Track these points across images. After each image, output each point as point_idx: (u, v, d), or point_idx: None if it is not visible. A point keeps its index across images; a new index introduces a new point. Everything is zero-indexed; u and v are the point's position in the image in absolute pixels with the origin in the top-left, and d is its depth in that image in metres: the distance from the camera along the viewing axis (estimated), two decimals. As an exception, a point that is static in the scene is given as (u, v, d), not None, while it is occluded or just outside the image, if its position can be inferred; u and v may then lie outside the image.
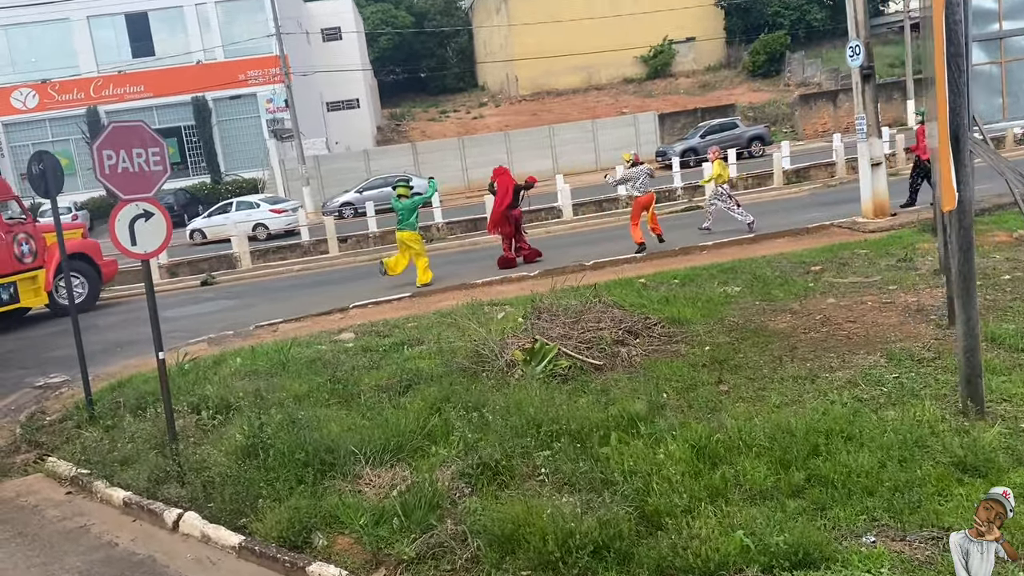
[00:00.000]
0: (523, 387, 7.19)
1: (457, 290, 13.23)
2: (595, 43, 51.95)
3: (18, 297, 14.46)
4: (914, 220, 13.85)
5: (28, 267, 14.69)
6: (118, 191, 6.15)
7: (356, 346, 9.88)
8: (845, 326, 8.49)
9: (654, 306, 9.78)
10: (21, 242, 14.62)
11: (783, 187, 22.56)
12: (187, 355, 9.96)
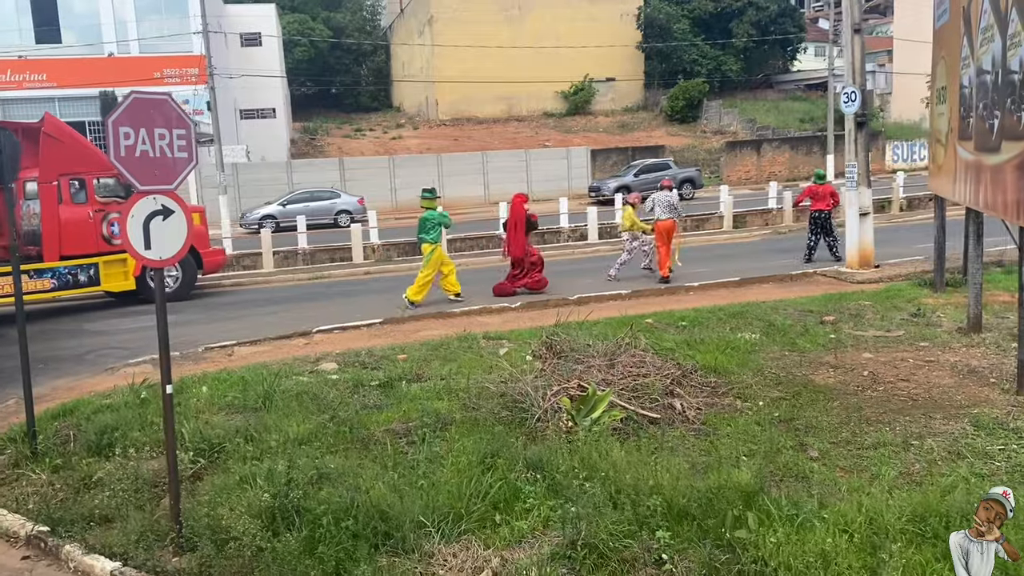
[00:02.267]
0: (586, 442, 6.17)
1: (433, 319, 12.09)
2: (518, 74, 51.73)
3: (99, 279, 13.74)
4: (901, 273, 13.61)
5: (116, 249, 13.70)
6: (135, 179, 4.86)
7: (343, 379, 8.62)
8: (900, 385, 7.86)
9: (682, 351, 8.93)
10: (113, 222, 13.74)
11: (732, 231, 22.33)
12: (144, 380, 8.48)
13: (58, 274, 13.52)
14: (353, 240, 19.93)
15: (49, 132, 13.30)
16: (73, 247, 13.57)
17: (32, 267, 13.23)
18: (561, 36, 53.87)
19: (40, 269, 13.33)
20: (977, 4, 8.55)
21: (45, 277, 13.40)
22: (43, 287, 13.40)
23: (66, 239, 13.54)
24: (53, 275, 13.49)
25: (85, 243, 13.62)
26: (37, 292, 13.31)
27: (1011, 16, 7.25)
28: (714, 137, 47.85)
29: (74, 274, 13.61)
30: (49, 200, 13.43)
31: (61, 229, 13.50)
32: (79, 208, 13.73)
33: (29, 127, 13.87)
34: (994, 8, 7.82)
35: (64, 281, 13.59)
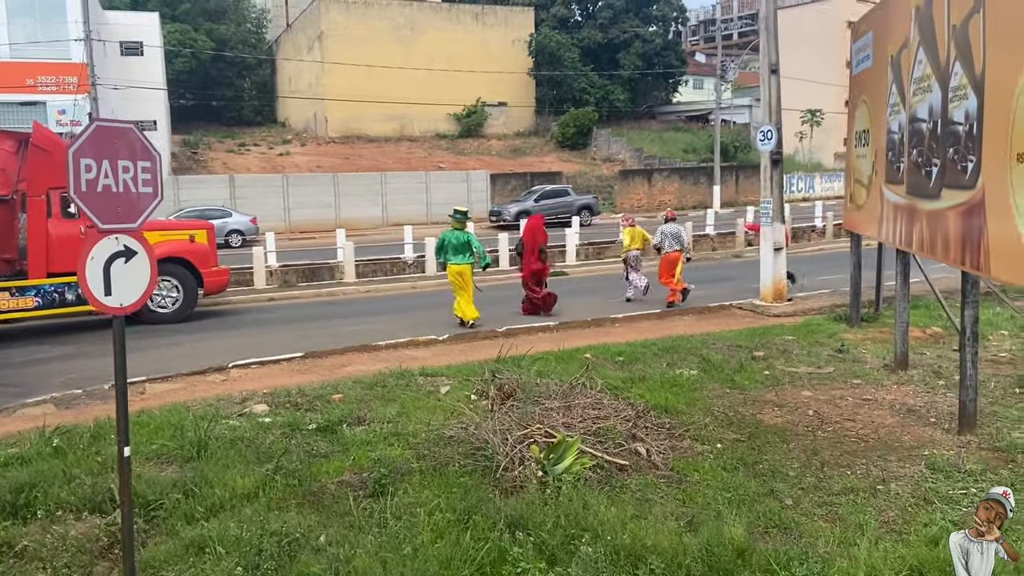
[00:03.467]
0: (566, 496, 5.92)
1: (357, 352, 11.58)
2: (410, 94, 51.41)
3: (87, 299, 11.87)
4: (814, 307, 14.03)
5: None
6: (96, 217, 4.31)
7: (277, 422, 8.07)
8: (846, 425, 7.98)
9: (629, 388, 8.82)
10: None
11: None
12: (57, 426, 7.68)
13: (43, 292, 12.78)
14: (255, 264, 19.05)
15: (38, 143, 12.66)
16: (62, 264, 12.69)
17: (14, 284, 12.56)
18: (453, 59, 53.92)
19: (23, 287, 12.57)
20: (909, 55, 8.88)
21: (28, 295, 12.66)
22: (25, 305, 12.65)
23: (54, 255, 12.75)
24: (37, 293, 12.74)
25: (75, 260, 12.28)
26: (19, 311, 12.61)
27: (953, 69, 7.52)
28: (604, 164, 48.80)
29: (61, 292, 12.86)
30: (37, 214, 12.69)
31: (49, 245, 12.74)
32: (70, 223, 12.90)
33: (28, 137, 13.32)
34: (931, 60, 8.11)
35: (49, 300, 12.85)
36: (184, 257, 14.42)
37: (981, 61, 6.84)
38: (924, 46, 8.38)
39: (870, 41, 10.73)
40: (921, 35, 8.47)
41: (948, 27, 7.65)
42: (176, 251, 14.34)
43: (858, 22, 11.66)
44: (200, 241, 14.93)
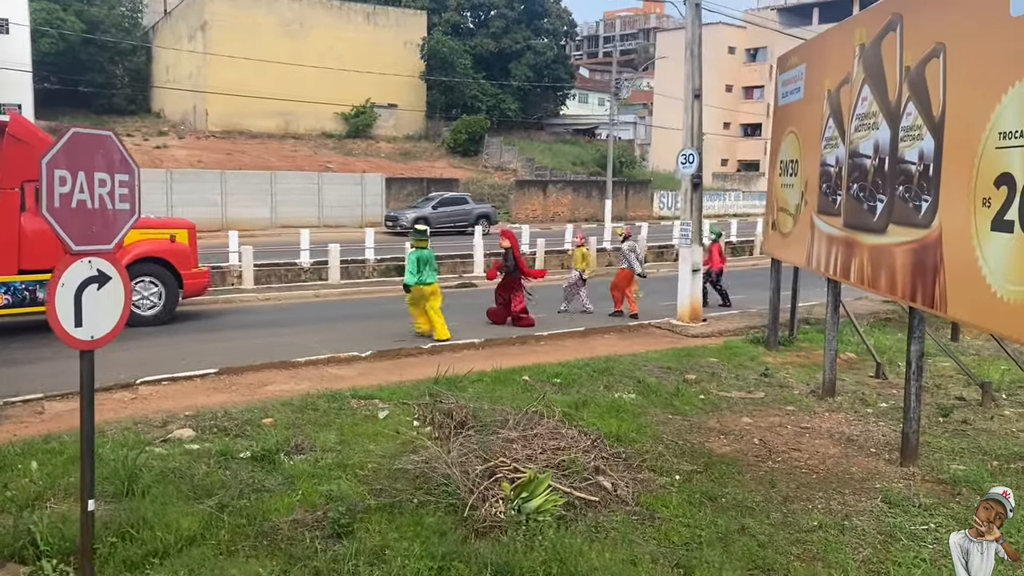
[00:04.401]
0: (550, 539, 5.65)
1: (276, 369, 10.91)
2: (297, 91, 50.00)
3: None
4: (729, 328, 14.28)
5: None
6: (69, 238, 3.75)
7: (206, 450, 7.45)
8: (794, 456, 8.05)
9: (575, 414, 8.62)
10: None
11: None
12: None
13: (13, 290, 12.10)
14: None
15: (14, 133, 12.00)
16: (35, 260, 12.01)
17: None
18: (343, 58, 52.83)
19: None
20: (851, 91, 9.10)
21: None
22: None
23: (27, 252, 12.07)
24: (7, 290, 12.06)
25: (48, 257, 11.66)
26: None
27: (905, 109, 7.72)
28: (496, 173, 48.84)
29: (32, 290, 12.16)
30: (9, 208, 12.01)
31: (22, 240, 12.05)
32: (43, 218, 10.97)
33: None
34: (879, 98, 8.32)
35: (20, 298, 12.17)
36: (164, 257, 13.80)
37: (940, 104, 7.02)
38: (870, 84, 8.59)
39: (802, 74, 10.99)
40: (867, 72, 8.69)
41: (900, 67, 7.85)
42: (156, 251, 13.73)
43: (787, 54, 11.94)
44: (181, 241, 14.27)
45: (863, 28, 8.90)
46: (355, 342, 12.66)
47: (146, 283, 13.59)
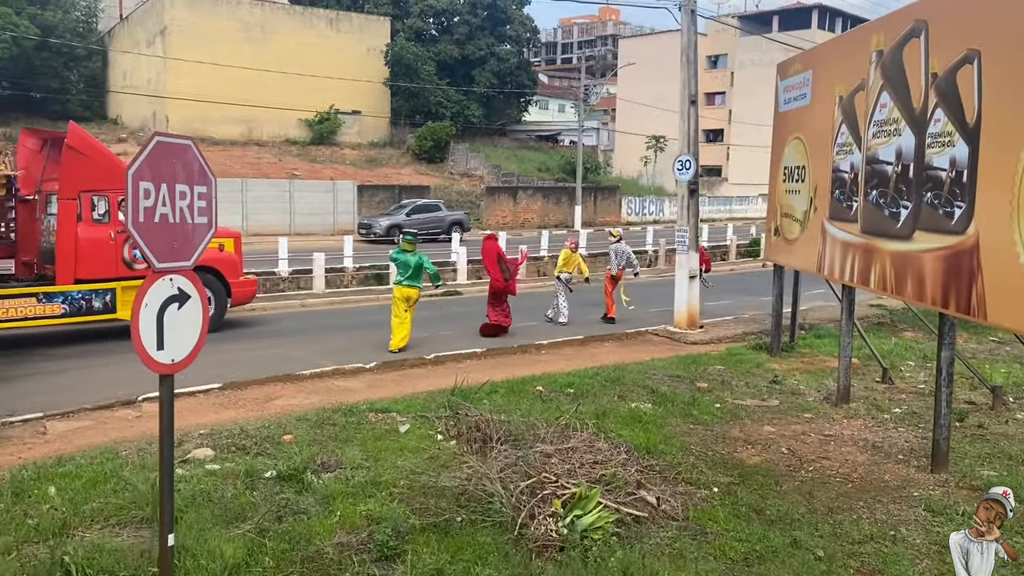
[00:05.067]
0: (619, 560, 5.49)
1: (282, 382, 10.59)
2: (259, 97, 49.20)
3: (115, 307, 12.48)
4: (727, 334, 14.26)
5: (138, 274, 12.49)
6: (152, 255, 3.50)
7: (228, 470, 7.15)
8: (825, 464, 8.00)
9: (598, 425, 8.46)
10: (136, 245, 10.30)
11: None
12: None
13: (70, 299, 12.21)
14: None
15: (72, 145, 12.00)
16: (90, 270, 12.28)
17: (41, 290, 11.97)
18: (306, 63, 52.09)
19: (50, 293, 11.97)
20: (866, 97, 9.10)
21: (55, 302, 12.05)
22: (52, 312, 12.07)
23: (83, 261, 12.23)
24: (64, 299, 12.14)
25: (104, 266, 12.35)
26: (45, 317, 12.06)
27: (933, 116, 7.73)
28: (462, 179, 48.56)
29: (88, 300, 12.33)
30: (67, 218, 12.06)
31: (78, 250, 12.17)
32: (100, 228, 12.42)
33: (57, 137, 13.06)
34: (901, 105, 8.32)
35: (76, 307, 12.29)
36: (214, 267, 13.80)
37: (975, 111, 7.02)
38: (890, 90, 8.60)
39: (807, 80, 11.00)
40: (886, 79, 8.69)
41: (926, 74, 7.85)
42: (206, 260, 13.47)
43: (789, 61, 11.96)
44: (228, 250, 14.33)
45: (880, 34, 8.90)
46: (353, 353, 12.38)
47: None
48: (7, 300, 11.67)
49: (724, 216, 48.83)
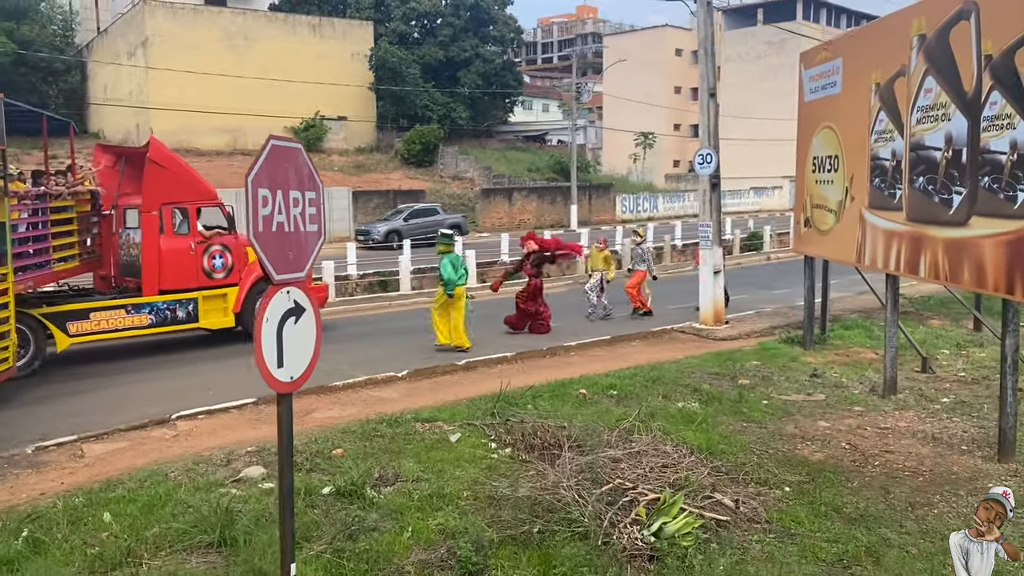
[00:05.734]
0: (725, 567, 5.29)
1: (316, 394, 10.31)
2: (244, 106, 48.71)
3: (197, 316, 12.86)
4: (755, 329, 14.10)
5: (217, 283, 13.12)
6: (271, 266, 3.27)
7: (284, 488, 6.88)
8: (889, 458, 7.82)
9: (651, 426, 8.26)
10: (214, 255, 13.08)
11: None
12: (28, 514, 6.15)
13: (156, 309, 12.58)
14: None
15: (154, 159, 12.44)
16: (173, 281, 12.65)
17: (130, 302, 12.37)
18: (290, 71, 51.69)
19: (138, 304, 12.37)
20: (908, 83, 8.95)
21: (143, 312, 12.45)
22: (140, 323, 12.45)
23: (166, 272, 12.60)
24: (151, 310, 12.52)
25: (186, 277, 12.73)
26: (133, 328, 12.44)
27: (988, 99, 7.57)
28: (453, 182, 48.27)
29: (172, 310, 12.70)
30: (151, 231, 12.40)
31: (162, 261, 12.53)
32: (181, 239, 12.76)
33: (132, 152, 13.83)
34: (950, 89, 8.17)
35: (162, 317, 12.66)
36: None
37: (1039, 91, 6.88)
38: (936, 75, 8.44)
39: (838, 68, 10.84)
40: (930, 63, 8.54)
41: (978, 56, 7.70)
42: None
43: (815, 49, 11.82)
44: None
45: (921, 19, 8.75)
46: (380, 361, 12.10)
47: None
48: (99, 312, 11.99)
49: (716, 210, 48.76)
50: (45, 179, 11.97)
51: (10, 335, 9.98)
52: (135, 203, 12.77)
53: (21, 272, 10.60)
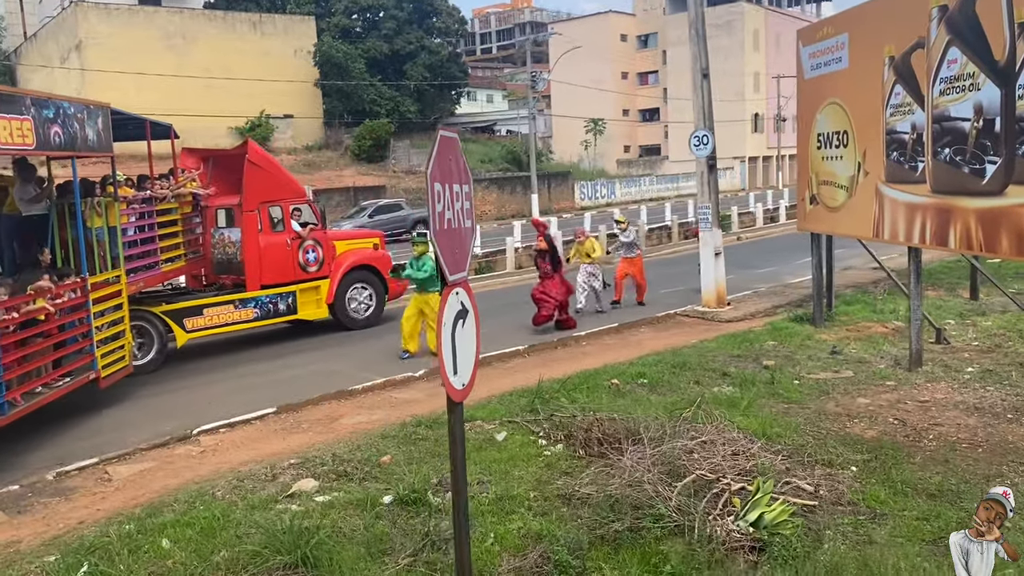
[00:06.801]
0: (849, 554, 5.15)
1: (335, 399, 9.92)
2: (186, 107, 47.32)
3: (296, 308, 13.52)
4: (759, 310, 14.08)
5: (311, 276, 13.77)
6: (447, 266, 3.00)
7: (342, 500, 6.57)
8: (940, 431, 7.80)
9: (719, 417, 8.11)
10: (308, 250, 13.64)
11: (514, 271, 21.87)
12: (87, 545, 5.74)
13: (260, 303, 13.24)
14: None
15: (253, 160, 13.11)
16: (273, 276, 13.26)
17: (237, 297, 13.04)
18: (232, 69, 50.49)
19: (244, 299, 13.05)
20: (928, 55, 8.92)
21: (249, 307, 13.10)
22: (246, 317, 13.13)
23: (267, 268, 13.20)
24: (256, 304, 13.17)
25: (284, 271, 13.34)
26: (240, 322, 13.12)
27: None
28: (407, 177, 47.70)
29: (275, 303, 13.35)
30: (251, 229, 13.07)
31: (262, 258, 13.14)
32: (277, 236, 13.36)
33: (221, 154, 14.77)
34: (979, 59, 8.15)
35: (265, 310, 13.32)
36: (373, 264, 14.66)
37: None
38: (960, 45, 8.42)
39: (843, 43, 10.81)
40: (954, 34, 8.51)
41: (1010, 24, 7.68)
42: (368, 259, 14.65)
43: (816, 25, 11.78)
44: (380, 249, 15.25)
45: (942, -10, 8.72)
46: (393, 363, 11.70)
47: (359, 289, 14.43)
48: (211, 308, 12.66)
49: (672, 193, 49.13)
50: (150, 183, 12.21)
51: (125, 334, 10.57)
52: (225, 203, 13.49)
53: (132, 274, 11.00)
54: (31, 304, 8.49)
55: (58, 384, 9.08)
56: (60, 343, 9.21)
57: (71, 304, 9.25)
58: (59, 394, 9.04)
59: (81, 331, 9.54)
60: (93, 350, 9.64)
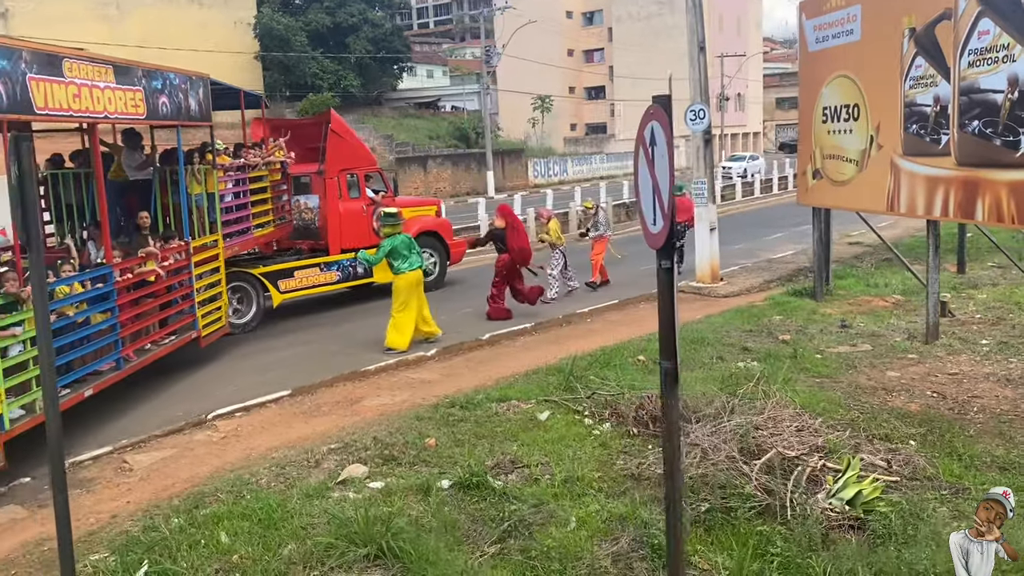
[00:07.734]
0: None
1: (348, 380, 9.51)
2: (121, 80, 45.59)
3: (371, 271, 13.69)
4: (753, 284, 14.06)
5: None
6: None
7: (400, 486, 6.23)
8: (982, 403, 7.83)
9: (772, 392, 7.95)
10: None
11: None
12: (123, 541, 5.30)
13: (342, 266, 13.81)
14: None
15: (335, 129, 13.68)
16: (351, 240, 13.65)
17: (321, 260, 13.60)
18: (170, 41, 48.60)
19: (328, 262, 13.66)
20: (955, 26, 8.86)
21: (332, 270, 13.72)
22: (331, 279, 13.74)
23: (346, 232, 13.73)
24: (338, 267, 13.78)
25: (360, 236, 13.59)
26: (326, 284, 13.73)
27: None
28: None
29: (354, 267, 13.85)
30: (332, 195, 13.66)
31: (342, 223, 13.68)
32: (354, 203, 13.90)
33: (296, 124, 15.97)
34: (1014, 30, 8.11)
35: (347, 273, 13.90)
36: (436, 230, 15.28)
37: None
38: (993, 16, 8.38)
39: (855, 15, 10.73)
40: (986, 5, 8.46)
41: (1050, -5, 7.65)
42: (432, 225, 15.28)
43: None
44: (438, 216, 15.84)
45: (971, -39, 8.66)
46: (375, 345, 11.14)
47: (425, 254, 14.24)
48: (300, 271, 13.21)
49: (621, 172, 49.15)
50: (244, 151, 12.38)
51: (222, 296, 11.03)
52: (303, 171, 13.97)
53: (228, 238, 11.31)
54: (143, 266, 9.02)
55: (164, 342, 9.57)
56: (166, 303, 9.72)
57: (176, 266, 9.75)
58: (165, 351, 9.53)
59: (184, 292, 10.00)
60: (195, 310, 10.14)
